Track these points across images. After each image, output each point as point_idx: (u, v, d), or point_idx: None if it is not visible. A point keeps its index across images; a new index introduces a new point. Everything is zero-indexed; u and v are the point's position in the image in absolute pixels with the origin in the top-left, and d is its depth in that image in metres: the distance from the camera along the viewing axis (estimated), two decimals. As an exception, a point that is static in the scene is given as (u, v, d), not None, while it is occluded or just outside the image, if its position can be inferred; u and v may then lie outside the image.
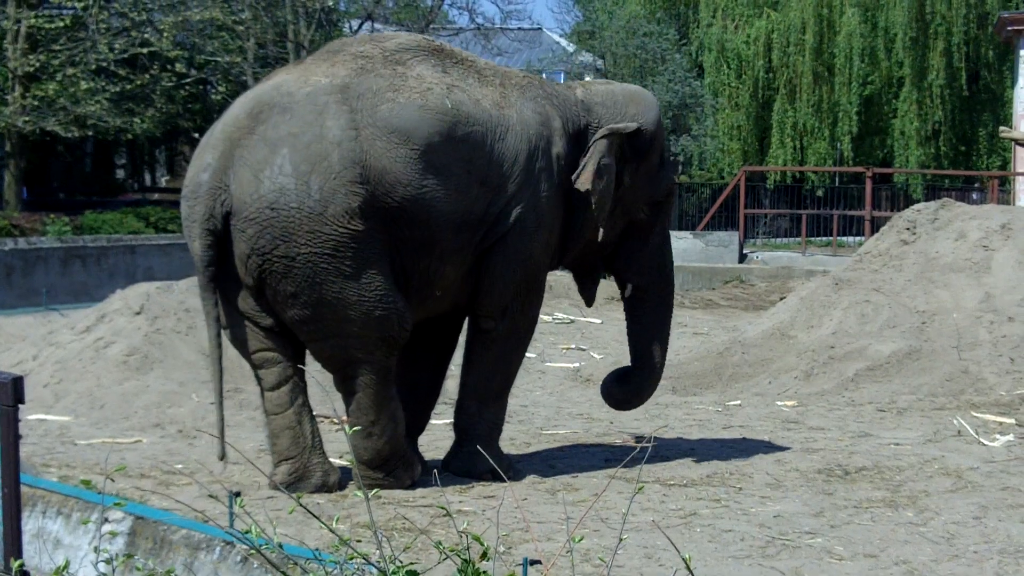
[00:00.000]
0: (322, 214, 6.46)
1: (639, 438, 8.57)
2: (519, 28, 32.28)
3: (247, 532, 3.52)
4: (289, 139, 6.54)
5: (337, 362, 6.83)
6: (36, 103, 21.99)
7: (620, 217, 7.65)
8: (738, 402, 10.40)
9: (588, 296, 8.12)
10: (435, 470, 7.01)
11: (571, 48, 35.08)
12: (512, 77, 7.38)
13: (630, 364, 8.07)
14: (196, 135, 26.35)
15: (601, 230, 7.39)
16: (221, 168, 6.59)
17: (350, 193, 6.49)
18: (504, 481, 6.73)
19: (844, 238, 25.58)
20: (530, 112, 7.18)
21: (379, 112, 6.65)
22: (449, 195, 6.78)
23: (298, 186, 6.47)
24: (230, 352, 9.20)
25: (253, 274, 6.59)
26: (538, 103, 7.28)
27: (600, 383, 8.32)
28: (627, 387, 8.06)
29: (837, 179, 31.73)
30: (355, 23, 28.28)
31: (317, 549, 3.98)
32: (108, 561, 3.62)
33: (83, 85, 22.12)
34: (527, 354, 7.86)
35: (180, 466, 7.47)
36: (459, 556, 3.36)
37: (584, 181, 7.26)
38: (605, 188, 7.31)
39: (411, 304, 6.86)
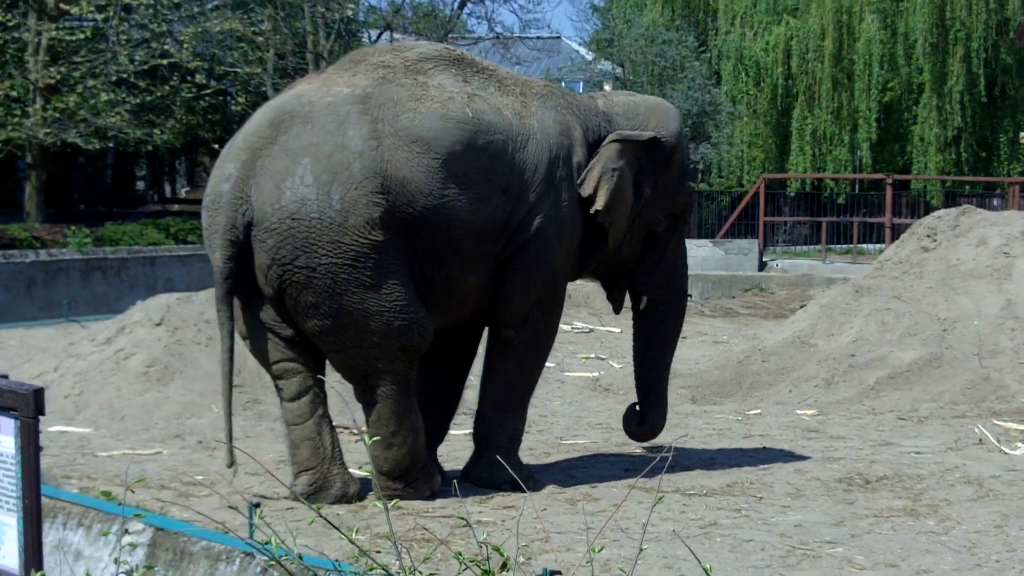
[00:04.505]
0: (343, 224, 6.46)
1: (659, 448, 8.56)
2: (538, 37, 32.29)
3: (267, 543, 3.52)
4: (310, 149, 6.54)
5: (358, 372, 6.83)
6: (57, 115, 22.06)
7: (639, 229, 7.65)
8: (758, 411, 10.38)
9: (615, 302, 8.18)
10: (455, 480, 7.00)
11: (590, 56, 35.02)
12: (533, 86, 7.37)
13: (637, 396, 8.15)
14: (216, 146, 26.42)
15: (611, 238, 7.42)
16: (242, 178, 6.59)
17: (371, 203, 6.49)
18: (524, 491, 6.74)
19: (864, 245, 25.50)
20: (551, 121, 7.18)
21: (400, 122, 6.64)
22: (471, 204, 6.77)
23: (319, 196, 6.47)
24: (250, 363, 9.25)
25: (273, 284, 6.59)
26: (559, 112, 7.27)
27: (623, 413, 8.36)
28: (643, 427, 8.17)
29: (857, 186, 31.63)
30: (374, 33, 28.32)
31: (337, 560, 3.98)
32: (128, 573, 3.62)
33: (103, 97, 22.18)
34: (546, 363, 7.86)
35: (200, 477, 7.48)
36: (479, 567, 3.36)
37: (587, 187, 7.28)
38: (617, 194, 7.31)
39: (431, 313, 6.86)
